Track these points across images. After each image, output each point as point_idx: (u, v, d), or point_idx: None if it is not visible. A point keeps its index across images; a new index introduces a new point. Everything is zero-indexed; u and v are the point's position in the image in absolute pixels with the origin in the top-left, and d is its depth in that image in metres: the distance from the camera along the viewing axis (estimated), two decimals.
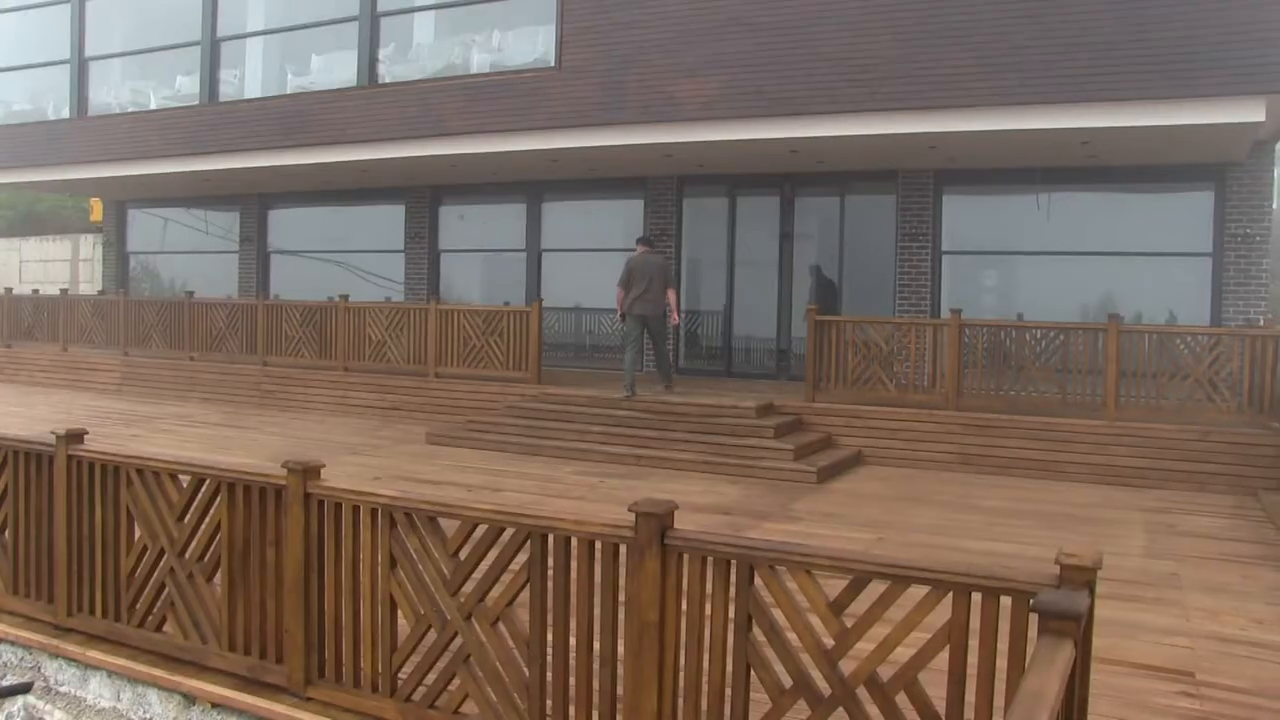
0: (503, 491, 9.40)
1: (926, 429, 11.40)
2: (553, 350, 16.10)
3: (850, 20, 11.67)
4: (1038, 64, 10.82)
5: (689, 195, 15.94)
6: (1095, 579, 3.06)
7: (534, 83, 13.43)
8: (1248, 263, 12.75)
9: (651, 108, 12.65)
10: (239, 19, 16.87)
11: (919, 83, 11.32)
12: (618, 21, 12.91)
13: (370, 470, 10.30)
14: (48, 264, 27.21)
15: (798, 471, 10.37)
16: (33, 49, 19.20)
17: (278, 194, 19.63)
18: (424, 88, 14.34)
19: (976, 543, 7.83)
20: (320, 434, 13.11)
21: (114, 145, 17.27)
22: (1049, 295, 13.65)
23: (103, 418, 14.03)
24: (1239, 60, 10.02)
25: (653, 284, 12.55)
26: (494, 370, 13.85)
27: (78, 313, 18.59)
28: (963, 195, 14.25)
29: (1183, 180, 13.17)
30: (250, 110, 16.00)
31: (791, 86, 11.90)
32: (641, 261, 12.66)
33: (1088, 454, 10.68)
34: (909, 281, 14.26)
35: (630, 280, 12.63)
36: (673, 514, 3.82)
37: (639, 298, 12.56)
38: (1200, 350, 10.72)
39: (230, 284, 20.09)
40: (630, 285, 12.63)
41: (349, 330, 15.05)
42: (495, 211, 17.78)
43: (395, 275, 18.39)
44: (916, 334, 11.90)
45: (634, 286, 12.59)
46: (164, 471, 5.27)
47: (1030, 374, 11.35)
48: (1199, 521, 8.84)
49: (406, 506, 4.43)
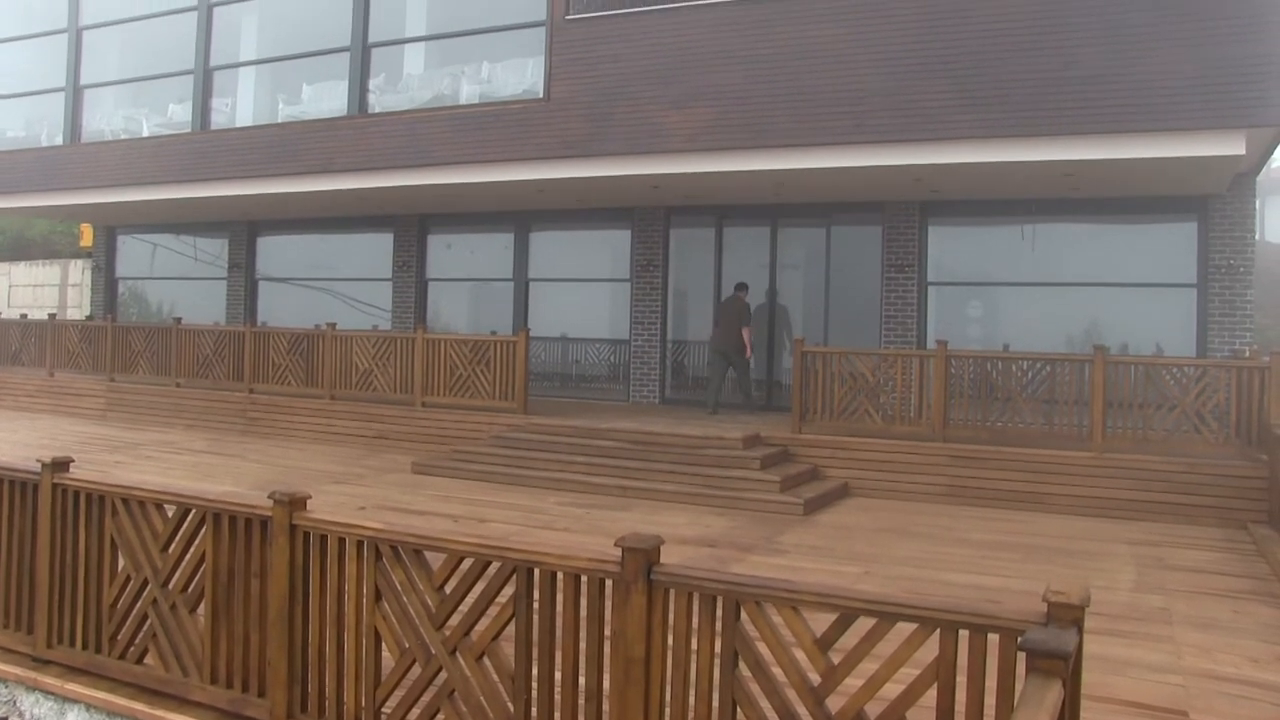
0: (488, 522, 9.36)
1: (913, 460, 11.40)
2: (540, 380, 16.12)
3: (835, 54, 11.76)
4: (1021, 97, 10.91)
5: (676, 226, 16.00)
6: (1083, 616, 3.06)
7: (522, 114, 13.49)
8: (1232, 294, 12.84)
9: (639, 139, 12.71)
10: (231, 48, 16.92)
11: (904, 115, 11.40)
12: (605, 54, 12.99)
13: (355, 500, 10.25)
14: (37, 288, 27.11)
15: (784, 503, 10.35)
16: (29, 77, 19.22)
17: (267, 221, 19.65)
18: (413, 118, 14.39)
19: (964, 576, 7.81)
20: (305, 462, 13.05)
21: (107, 171, 17.29)
22: (1035, 326, 13.73)
23: (86, 443, 13.94)
24: (1219, 95, 10.13)
25: (730, 323, 14.19)
26: (480, 400, 13.81)
27: (65, 338, 18.53)
28: (948, 226, 14.34)
29: (1166, 212, 13.29)
30: (241, 138, 16.03)
31: (777, 119, 11.98)
32: (725, 303, 14.57)
33: (1075, 486, 10.68)
34: (895, 312, 14.31)
35: (716, 319, 14.72)
36: (659, 549, 3.81)
37: (718, 334, 14.45)
38: (1187, 382, 10.75)
39: (218, 310, 20.07)
40: (716, 324, 14.65)
41: (336, 358, 15.02)
42: (483, 241, 17.82)
43: (383, 303, 18.39)
44: (903, 365, 11.92)
45: (717, 325, 14.55)
46: (149, 501, 5.24)
47: (1017, 405, 11.37)
48: (1188, 555, 8.82)
49: (392, 539, 4.41)
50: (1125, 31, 10.50)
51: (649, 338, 15.89)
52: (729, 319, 14.26)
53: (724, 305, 14.60)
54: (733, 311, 14.26)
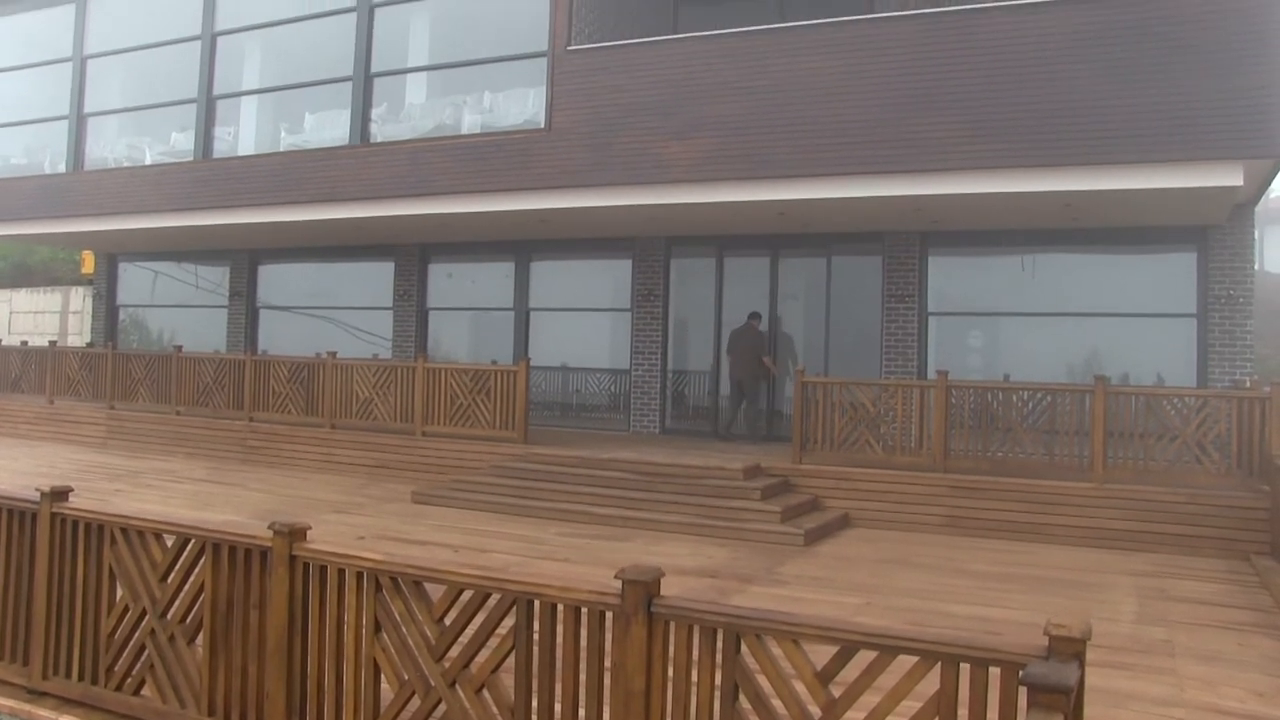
0: (488, 553, 9.34)
1: (914, 491, 11.37)
2: (540, 409, 16.11)
3: (834, 85, 11.82)
4: (1020, 128, 10.96)
5: (677, 256, 16.04)
6: (1084, 650, 3.05)
7: (524, 143, 13.55)
8: (1232, 324, 12.85)
9: (639, 169, 12.76)
10: (234, 77, 17.01)
11: (903, 147, 11.45)
12: (606, 85, 13.06)
13: (355, 530, 10.22)
14: (38, 315, 27.16)
15: (785, 534, 10.32)
16: (31, 104, 19.33)
17: (268, 249, 19.71)
18: (415, 147, 14.44)
19: (965, 608, 7.78)
20: (305, 491, 13.03)
21: (109, 199, 17.35)
22: (1035, 356, 13.72)
23: (86, 471, 13.93)
24: (1216, 126, 10.18)
25: (744, 352, 14.50)
26: (481, 429, 13.80)
27: (65, 365, 18.54)
28: (948, 257, 14.38)
29: (1165, 242, 13.32)
30: (243, 167, 16.09)
31: (778, 149, 12.02)
32: (738, 333, 14.79)
33: (1076, 516, 10.64)
34: (895, 343, 14.32)
35: (729, 349, 14.89)
36: (659, 581, 3.80)
37: (733, 363, 14.71)
38: (1188, 412, 10.74)
39: (219, 339, 20.09)
40: (729, 353, 14.87)
41: (336, 387, 15.02)
42: (484, 270, 17.85)
43: (383, 332, 18.40)
44: (903, 395, 11.92)
45: (731, 354, 14.80)
46: (149, 531, 5.23)
47: (1017, 435, 11.37)
48: (1191, 586, 8.78)
49: (392, 570, 4.39)
50: (1123, 63, 10.56)
51: (649, 368, 15.89)
52: (743, 348, 14.52)
53: (737, 335, 14.78)
54: (747, 341, 14.53)
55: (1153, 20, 10.53)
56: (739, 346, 14.63)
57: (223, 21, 16.71)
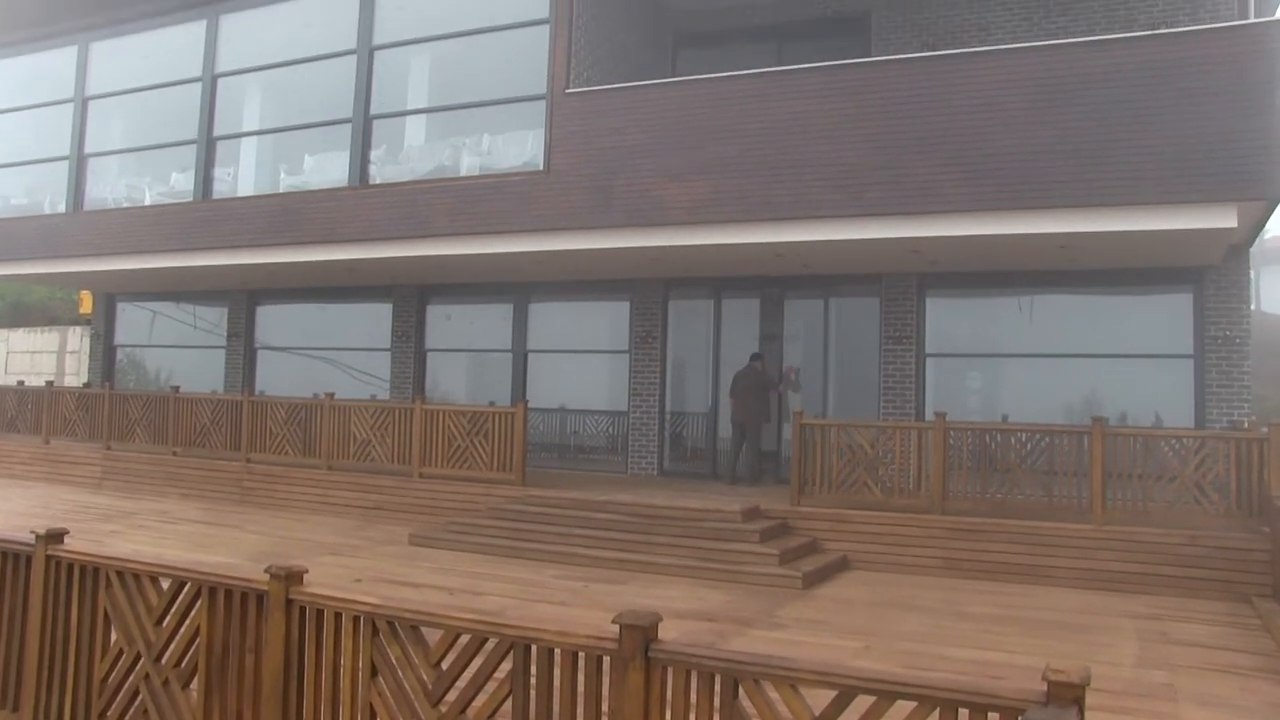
0: (485, 595, 9.29)
1: (912, 533, 11.33)
2: (538, 451, 16.08)
3: (830, 128, 11.90)
4: (1015, 171, 11.03)
5: (675, 297, 16.08)
6: (1084, 695, 3.03)
7: (523, 186, 13.61)
8: (1229, 364, 12.87)
9: (638, 211, 12.81)
10: (234, 118, 17.11)
11: (900, 188, 11.51)
12: (604, 127, 13.14)
13: (351, 572, 10.18)
14: (35, 355, 27.17)
15: (783, 577, 10.28)
16: (31, 145, 19.42)
17: (266, 290, 19.74)
18: (414, 189, 14.51)
19: (964, 651, 7.74)
20: (301, 533, 12.97)
21: (108, 240, 17.39)
22: (1033, 397, 13.74)
23: (81, 512, 13.88)
24: (1209, 168, 10.24)
25: (747, 394, 14.34)
26: (478, 471, 13.77)
27: (62, 405, 18.53)
28: (946, 298, 14.42)
29: (1162, 283, 13.37)
30: (243, 208, 16.15)
31: (775, 192, 12.08)
32: (742, 375, 14.58)
33: (1075, 558, 10.60)
34: (893, 384, 14.33)
35: (731, 391, 14.62)
36: (656, 626, 3.78)
37: (735, 406, 14.48)
38: (1186, 453, 10.73)
39: (216, 379, 20.08)
40: (732, 395, 14.59)
41: (334, 428, 15.00)
42: (482, 312, 17.90)
43: (381, 373, 18.40)
44: (901, 437, 11.90)
45: (734, 396, 14.52)
46: (144, 574, 5.20)
47: (1016, 477, 11.35)
48: (1192, 629, 8.73)
49: (389, 614, 4.37)
50: (1117, 106, 10.64)
51: (648, 409, 15.88)
52: (747, 390, 14.38)
53: (741, 377, 14.61)
54: (751, 382, 14.40)
55: (1147, 64, 10.64)
56: (740, 388, 14.51)
57: (223, 63, 16.83)
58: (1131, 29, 13.01)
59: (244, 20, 16.71)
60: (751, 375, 14.51)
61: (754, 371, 14.53)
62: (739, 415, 14.47)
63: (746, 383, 14.46)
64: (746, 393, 14.40)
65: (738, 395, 14.51)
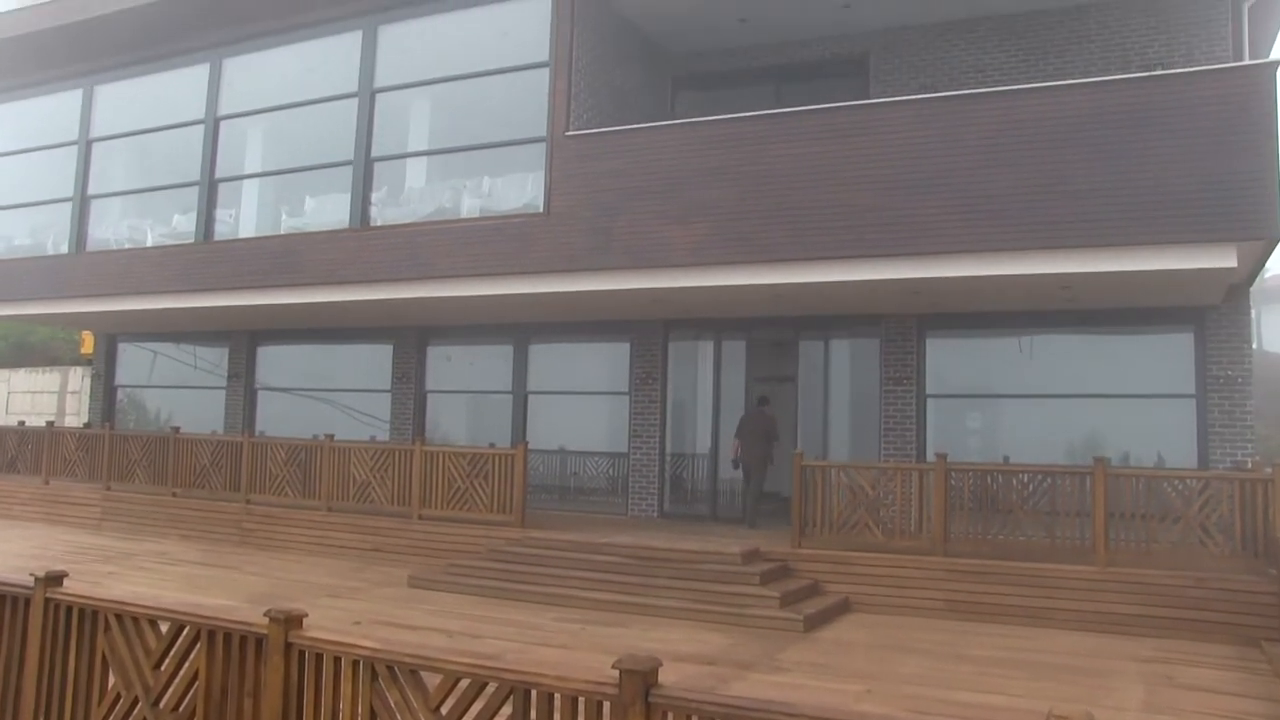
0: (484, 639, 9.23)
1: (914, 575, 11.27)
2: (538, 492, 16.02)
3: (830, 170, 11.95)
4: (1015, 211, 11.07)
5: (675, 339, 16.08)
6: None
7: (523, 227, 13.66)
8: (1231, 404, 12.85)
9: (638, 253, 12.85)
10: (236, 160, 17.21)
11: (900, 230, 11.55)
12: (604, 169, 13.21)
13: (350, 615, 10.12)
14: (35, 395, 27.18)
15: (784, 619, 10.22)
16: (36, 186, 19.52)
17: (267, 331, 19.79)
18: (415, 230, 14.56)
19: (967, 695, 7.68)
20: (300, 575, 12.91)
21: (110, 281, 17.44)
22: (1034, 437, 13.71)
23: (80, 554, 13.83)
24: (1209, 209, 10.28)
25: (754, 437, 14.32)
26: (478, 513, 13.72)
27: (62, 445, 18.52)
28: (946, 339, 14.43)
29: (1162, 323, 13.39)
30: (244, 249, 16.21)
31: (775, 233, 12.12)
32: (749, 418, 14.61)
33: (1079, 600, 10.52)
34: (894, 425, 14.31)
35: (738, 433, 14.61)
36: (657, 670, 3.75)
37: (743, 448, 14.46)
38: (1190, 494, 10.68)
39: (216, 419, 20.05)
40: (738, 437, 14.59)
41: (333, 469, 14.97)
42: (482, 353, 17.91)
43: (381, 414, 18.39)
44: (902, 478, 11.87)
45: (741, 439, 14.51)
46: (143, 616, 5.18)
47: (1018, 518, 11.31)
48: (1199, 674, 8.62)
49: (389, 659, 4.34)
50: (1116, 146, 10.70)
51: (648, 451, 15.84)
52: (754, 433, 14.35)
53: (747, 420, 14.61)
54: (756, 426, 14.37)
55: (1145, 105, 10.72)
56: (746, 431, 14.46)
57: (226, 106, 16.96)
58: (1128, 70, 13.13)
59: (246, 63, 16.88)
60: (759, 419, 14.47)
61: (762, 416, 14.50)
62: (745, 457, 14.41)
63: (753, 426, 14.41)
64: (752, 437, 14.36)
65: (743, 438, 14.46)
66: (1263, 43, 15.52)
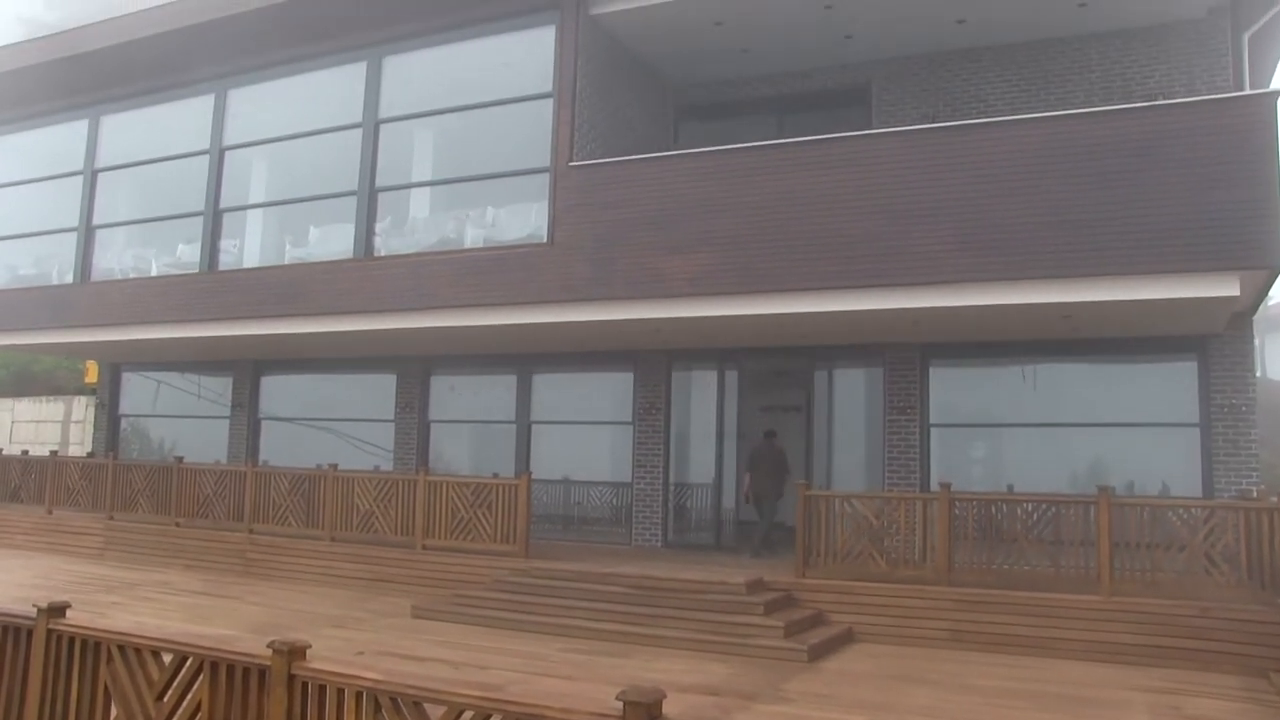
0: (489, 669, 9.20)
1: (918, 605, 11.22)
2: (541, 522, 15.99)
3: (830, 200, 12.00)
4: (1016, 241, 11.09)
5: (678, 369, 16.09)
6: None
7: (526, 258, 13.69)
8: (1236, 433, 12.83)
9: (640, 283, 12.88)
10: (241, 190, 17.28)
11: (900, 260, 11.57)
12: (607, 200, 13.26)
13: (354, 645, 10.09)
14: (39, 424, 27.21)
15: (788, 650, 10.17)
16: (41, 216, 19.59)
17: (271, 360, 19.81)
18: (418, 261, 14.60)
19: None
20: (304, 605, 12.88)
21: (115, 310, 17.46)
22: (1038, 466, 13.68)
23: (82, 584, 13.80)
24: (1210, 237, 10.31)
25: (765, 469, 14.40)
26: (482, 543, 13.69)
27: (65, 475, 18.51)
28: (949, 368, 14.44)
29: (1166, 351, 13.39)
30: (248, 279, 16.25)
31: (776, 263, 12.15)
32: (758, 451, 14.65)
33: (1084, 630, 10.46)
34: (898, 455, 14.29)
35: (751, 466, 14.65)
36: (660, 703, 3.74)
37: (755, 480, 14.48)
38: (1194, 523, 10.63)
39: (220, 449, 20.05)
40: (749, 470, 14.65)
41: (337, 499, 14.95)
42: (486, 383, 17.91)
43: (385, 444, 18.38)
44: (906, 508, 11.84)
45: (751, 471, 14.57)
46: (146, 648, 5.17)
47: (1022, 547, 11.26)
48: (1206, 705, 8.56)
49: (392, 690, 4.34)
50: (1117, 176, 10.74)
51: (651, 480, 15.82)
52: (765, 466, 14.43)
53: (759, 453, 14.67)
54: (768, 459, 14.46)
55: (1146, 135, 10.77)
56: (758, 464, 14.53)
57: (230, 136, 17.05)
58: (1129, 100, 13.16)
59: (251, 94, 16.97)
60: (769, 452, 14.55)
61: (772, 448, 14.57)
62: (758, 489, 14.45)
63: (764, 459, 14.49)
64: (764, 470, 14.43)
65: (759, 471, 14.49)
66: (1263, 72, 15.60)
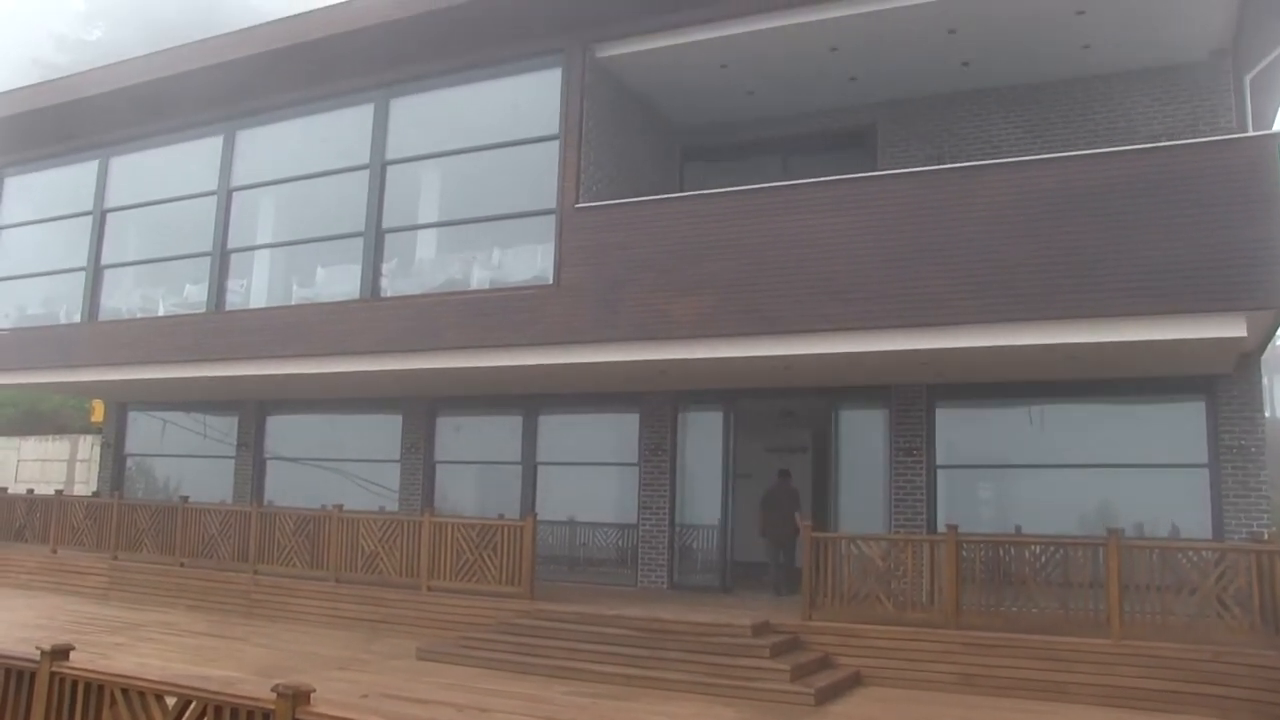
0: (493, 713, 9.14)
1: (926, 648, 11.11)
2: (547, 563, 15.86)
3: (837, 242, 12.05)
4: (1023, 282, 11.10)
5: (685, 410, 16.05)
6: None
7: (533, 299, 13.73)
8: (1245, 474, 12.74)
9: (646, 325, 12.91)
10: (248, 231, 17.37)
11: (907, 301, 11.59)
12: (613, 242, 13.32)
13: (358, 688, 10.02)
14: (45, 463, 27.25)
15: (795, 693, 10.08)
16: (50, 256, 19.72)
17: (277, 400, 19.82)
18: (425, 302, 14.64)
19: None
20: (308, 647, 12.80)
21: (122, 350, 17.53)
22: (1046, 507, 13.58)
23: (86, 624, 13.74)
24: (1217, 278, 10.32)
25: (781, 509, 14.72)
26: (487, 584, 13.61)
27: (70, 514, 18.49)
28: (955, 409, 14.39)
29: (1173, 392, 13.34)
30: (255, 319, 16.30)
31: (782, 305, 12.17)
32: (773, 491, 15.02)
33: (1094, 675, 10.33)
34: (904, 496, 14.22)
35: (764, 506, 15.01)
36: None
37: (771, 520, 14.83)
38: (1205, 565, 10.52)
39: (225, 489, 20.01)
40: (765, 510, 14.97)
41: (342, 540, 14.90)
42: (492, 424, 17.89)
43: (391, 484, 18.34)
44: (913, 550, 11.77)
45: (768, 511, 14.90)
46: (149, 691, 5.14)
47: (1030, 589, 11.17)
48: None
49: None
50: (1124, 217, 10.77)
51: (657, 522, 15.75)
52: (780, 507, 14.76)
53: (772, 493, 15.02)
54: (783, 499, 14.84)
55: (1152, 176, 10.82)
56: (773, 505, 14.83)
57: (239, 177, 17.17)
58: (1134, 141, 13.20)
59: (259, 136, 17.13)
60: (784, 492, 14.86)
61: (786, 489, 14.82)
62: (773, 530, 14.73)
63: (778, 500, 14.83)
64: (778, 510, 14.75)
65: (776, 511, 14.79)
66: (1265, 114, 15.68)
